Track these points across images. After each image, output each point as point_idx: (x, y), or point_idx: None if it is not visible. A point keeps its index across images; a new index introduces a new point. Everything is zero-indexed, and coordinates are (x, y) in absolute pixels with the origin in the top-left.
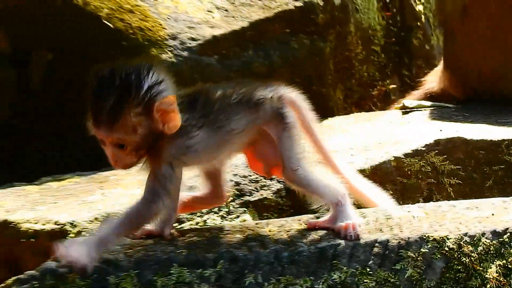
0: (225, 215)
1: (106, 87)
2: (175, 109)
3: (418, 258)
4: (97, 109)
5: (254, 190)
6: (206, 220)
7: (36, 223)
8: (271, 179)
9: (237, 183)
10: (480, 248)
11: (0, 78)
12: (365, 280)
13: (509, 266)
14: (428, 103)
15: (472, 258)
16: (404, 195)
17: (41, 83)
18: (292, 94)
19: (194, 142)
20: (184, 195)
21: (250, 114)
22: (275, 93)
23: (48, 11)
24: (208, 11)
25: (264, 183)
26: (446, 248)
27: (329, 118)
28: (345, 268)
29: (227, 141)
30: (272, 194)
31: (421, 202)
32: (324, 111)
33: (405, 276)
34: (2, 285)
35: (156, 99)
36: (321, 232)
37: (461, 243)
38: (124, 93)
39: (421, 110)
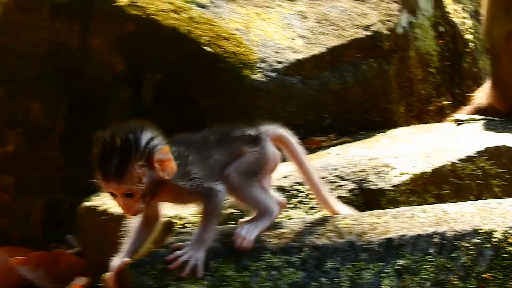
0: (307, 210)
1: (110, 148)
2: (170, 157)
3: (471, 248)
4: (105, 167)
5: (332, 189)
6: (291, 215)
7: None
8: (347, 180)
9: None
10: None
11: (117, 96)
12: (425, 266)
13: None
14: (478, 117)
15: None
16: (458, 194)
17: (152, 101)
18: (278, 131)
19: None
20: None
21: (227, 147)
22: (254, 131)
23: (158, 38)
24: (292, 38)
25: (340, 184)
26: (494, 239)
27: (393, 129)
28: (409, 255)
29: (213, 167)
30: (347, 192)
31: (473, 200)
32: (389, 123)
33: (460, 263)
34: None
35: (154, 151)
36: (390, 225)
37: (507, 234)
38: (127, 151)
39: (471, 123)
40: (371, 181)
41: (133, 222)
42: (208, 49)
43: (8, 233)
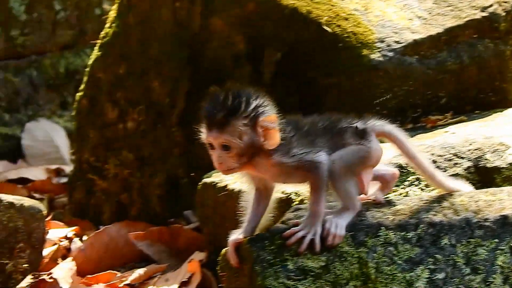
0: (424, 188)
1: (220, 101)
2: (275, 128)
3: None
4: (211, 116)
5: (448, 167)
6: (408, 192)
7: None
8: (462, 158)
9: (434, 161)
10: None
11: (237, 74)
12: None
13: None
14: None
15: None
16: None
17: (271, 79)
18: (386, 127)
19: (293, 143)
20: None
21: (333, 137)
22: (362, 124)
23: (278, 18)
24: (409, 19)
25: (456, 162)
26: None
27: (508, 109)
28: None
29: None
30: (463, 170)
31: None
32: (504, 102)
33: None
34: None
35: (261, 115)
36: (505, 202)
37: None
38: (236, 106)
39: None
40: (487, 159)
41: (248, 199)
42: (327, 28)
43: (128, 208)
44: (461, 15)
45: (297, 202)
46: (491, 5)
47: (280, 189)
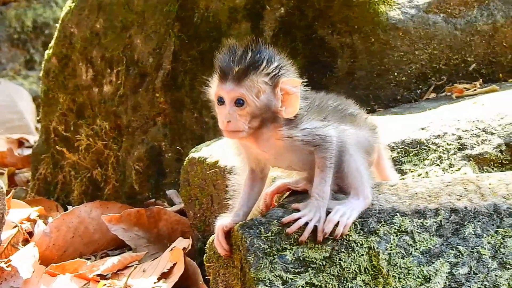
0: (446, 168)
1: (240, 54)
2: (297, 94)
3: None
4: (229, 67)
5: (475, 144)
6: (428, 172)
7: None
8: (492, 134)
9: (459, 137)
10: None
11: (233, 31)
12: None
13: None
14: None
15: None
16: None
17: (273, 37)
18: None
19: (307, 116)
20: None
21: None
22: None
23: None
24: None
25: (485, 138)
26: None
27: None
28: None
29: None
30: (492, 149)
31: None
32: None
33: None
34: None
35: (283, 77)
36: None
37: None
38: (258, 61)
39: None
40: None
41: (240, 180)
42: None
43: (101, 186)
44: None
45: None
46: None
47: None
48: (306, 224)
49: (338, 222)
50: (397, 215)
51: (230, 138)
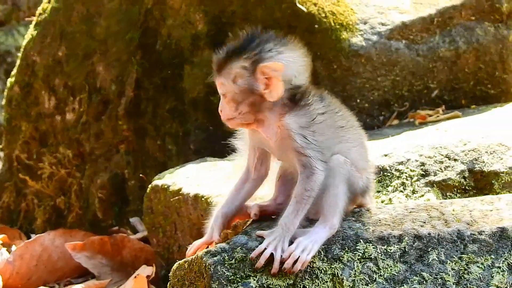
0: (410, 194)
1: (230, 43)
2: (279, 77)
3: None
4: (215, 58)
5: (438, 170)
6: (391, 199)
7: None
8: (455, 160)
9: (422, 163)
10: None
11: (196, 58)
12: None
13: None
14: None
15: None
16: None
17: None
18: None
19: (315, 122)
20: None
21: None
22: None
23: None
24: None
25: (449, 164)
26: None
27: (510, 103)
28: None
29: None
30: (456, 175)
31: None
32: (506, 96)
33: None
34: (193, 256)
35: (263, 61)
36: (504, 213)
37: None
38: (239, 47)
39: None
40: (484, 162)
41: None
42: (302, 7)
43: (65, 214)
44: None
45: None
46: None
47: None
48: (273, 255)
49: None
50: (361, 242)
51: (230, 126)
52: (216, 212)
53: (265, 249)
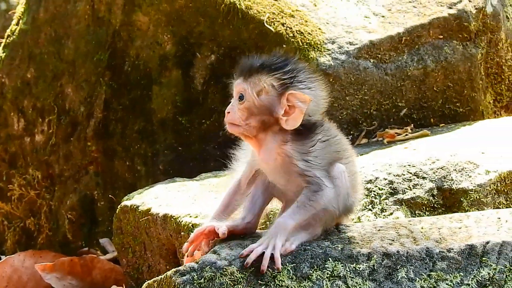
0: (378, 212)
1: (264, 57)
2: (302, 110)
3: None
4: (245, 64)
5: (407, 189)
6: (360, 217)
7: (196, 217)
8: (424, 178)
9: (391, 182)
10: None
11: (164, 79)
12: None
13: None
14: None
15: None
16: None
17: (203, 84)
18: None
19: (315, 148)
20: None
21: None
22: None
23: (213, 14)
24: (366, 17)
25: (417, 182)
26: None
27: (478, 121)
28: (494, 265)
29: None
30: (424, 193)
31: None
32: (474, 114)
33: None
34: (162, 276)
35: (293, 87)
36: (472, 230)
37: None
38: (273, 66)
39: None
40: (452, 180)
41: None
42: (269, 27)
43: (34, 235)
44: (425, 12)
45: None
46: (460, 1)
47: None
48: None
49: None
50: (329, 260)
51: (229, 131)
52: (210, 221)
53: (258, 246)
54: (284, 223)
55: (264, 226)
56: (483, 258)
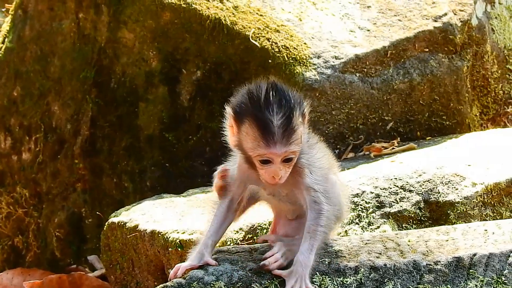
0: (365, 226)
1: (276, 107)
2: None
3: None
4: (271, 129)
5: (393, 202)
6: (347, 231)
7: (183, 233)
8: (411, 191)
9: (378, 195)
10: None
11: (150, 96)
12: None
13: None
14: None
15: None
16: None
17: (190, 100)
18: None
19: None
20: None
21: None
22: None
23: (198, 30)
24: (351, 31)
25: (404, 195)
26: None
27: (465, 134)
28: (481, 277)
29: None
30: (411, 206)
31: None
32: (461, 127)
33: None
34: None
35: (305, 109)
36: (459, 242)
37: None
38: (293, 109)
39: None
40: (439, 193)
41: (215, 208)
42: (255, 42)
43: (23, 253)
44: (411, 25)
45: (220, 244)
46: (445, 14)
47: (199, 231)
48: None
49: None
50: (317, 274)
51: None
52: (205, 240)
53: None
54: (306, 260)
55: (252, 241)
56: (470, 270)
